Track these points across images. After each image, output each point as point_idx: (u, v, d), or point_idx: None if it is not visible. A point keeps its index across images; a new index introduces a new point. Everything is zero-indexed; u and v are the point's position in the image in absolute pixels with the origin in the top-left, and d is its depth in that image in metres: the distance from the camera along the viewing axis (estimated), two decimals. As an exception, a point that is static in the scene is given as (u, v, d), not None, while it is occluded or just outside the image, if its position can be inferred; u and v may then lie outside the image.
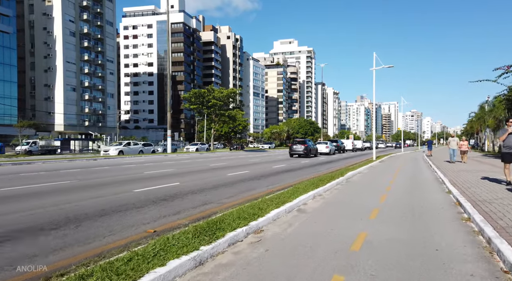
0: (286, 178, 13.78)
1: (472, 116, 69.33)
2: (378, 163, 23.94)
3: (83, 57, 74.89)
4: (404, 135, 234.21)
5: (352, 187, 10.71)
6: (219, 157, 31.36)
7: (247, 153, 41.87)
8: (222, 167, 19.48)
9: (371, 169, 18.31)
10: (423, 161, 26.88)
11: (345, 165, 22.36)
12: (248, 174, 15.27)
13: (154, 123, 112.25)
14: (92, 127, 77.42)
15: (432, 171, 16.92)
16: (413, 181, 12.42)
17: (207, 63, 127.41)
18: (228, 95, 40.45)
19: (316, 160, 27.37)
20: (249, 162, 24.66)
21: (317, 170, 18.11)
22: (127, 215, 6.53)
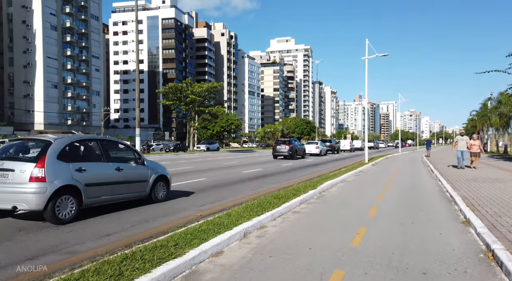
0: (243, 190, 10.35)
1: (474, 115, 66.01)
2: (371, 166, 20.53)
3: (66, 53, 71.27)
4: (403, 135, 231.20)
5: (319, 210, 7.28)
6: (189, 160, 27.92)
7: (229, 154, 38.49)
8: (174, 173, 16.02)
9: (359, 176, 14.91)
10: (422, 164, 23.46)
11: (330, 169, 18.98)
12: (200, 183, 11.84)
13: (145, 122, 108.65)
14: (76, 126, 73.79)
15: (434, 178, 13.49)
16: (409, 197, 8.98)
17: (200, 61, 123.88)
18: (209, 90, 36.89)
19: (300, 163, 23.96)
20: (221, 165, 21.25)
21: (293, 177, 14.70)
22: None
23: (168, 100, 37.05)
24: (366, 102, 22.20)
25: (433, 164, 20.12)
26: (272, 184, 11.95)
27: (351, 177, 14.02)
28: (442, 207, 7.51)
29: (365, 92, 22.99)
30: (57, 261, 4.14)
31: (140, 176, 7.70)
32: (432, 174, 15.23)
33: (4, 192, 5.72)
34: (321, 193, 9.45)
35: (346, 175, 13.91)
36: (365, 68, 22.92)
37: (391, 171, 16.81)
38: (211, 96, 38.22)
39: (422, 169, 18.76)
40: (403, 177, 14.01)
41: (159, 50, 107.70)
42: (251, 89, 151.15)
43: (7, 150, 6.62)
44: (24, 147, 6.74)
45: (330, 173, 15.53)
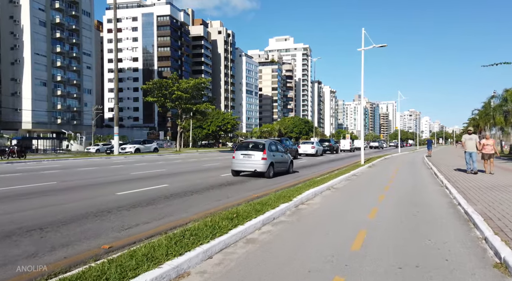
0: (199, 204, 8.23)
1: (476, 113, 63.92)
2: (366, 169, 18.43)
3: (55, 49, 69.06)
4: (402, 135, 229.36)
5: (284, 239, 5.16)
6: (166, 160, 25.79)
7: (215, 155, 36.37)
8: (120, 180, 13.89)
9: (351, 181, 12.82)
10: (424, 166, 21.36)
11: (321, 171, 16.89)
12: (150, 193, 9.73)
13: (140, 121, 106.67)
14: (66, 125, 71.67)
15: (440, 185, 11.39)
16: (411, 215, 6.85)
17: (196, 59, 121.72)
18: (196, 86, 34.65)
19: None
20: (199, 167, 19.16)
21: (275, 182, 12.62)
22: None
23: (153, 97, 34.91)
24: (363, 98, 20.07)
25: (436, 167, 18.02)
26: (245, 192, 9.85)
27: (341, 183, 11.92)
28: (457, 234, 5.36)
29: (361, 87, 20.90)
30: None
31: (286, 160, 15.86)
32: (437, 179, 13.12)
33: (250, 164, 13.63)
34: (297, 207, 7.35)
35: (336, 180, 11.82)
36: (361, 60, 20.82)
37: (389, 175, 14.70)
38: (199, 93, 35.97)
39: (424, 172, 16.66)
40: (402, 183, 11.90)
41: (154, 47, 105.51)
42: (248, 88, 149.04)
43: (248, 145, 14.70)
44: (256, 144, 14.59)
45: (318, 177, 13.45)
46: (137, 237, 5.02)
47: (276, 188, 10.71)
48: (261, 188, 10.91)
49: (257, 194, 9.41)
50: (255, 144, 14.67)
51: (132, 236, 5.08)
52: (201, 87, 35.28)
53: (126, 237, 5.06)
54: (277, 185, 11.68)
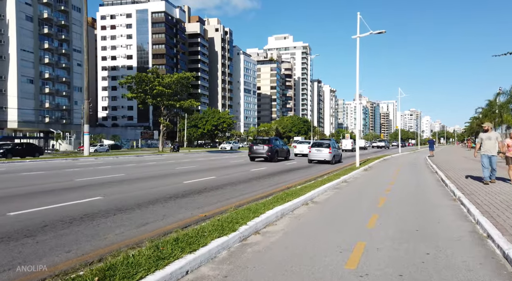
0: (88, 240, 5.79)
1: (480, 112, 61.38)
2: (361, 172, 15.99)
3: (43, 45, 66.59)
4: (403, 135, 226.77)
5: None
6: (138, 163, 23.37)
7: (202, 156, 33.96)
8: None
9: (339, 190, 10.38)
10: (428, 169, 18.89)
11: (309, 176, 14.49)
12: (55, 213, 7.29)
13: (134, 121, 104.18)
14: (55, 124, 69.25)
15: (452, 198, 8.88)
16: (417, 260, 4.31)
17: (193, 57, 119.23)
18: (180, 81, 32.06)
19: (278, 166, 19.45)
20: (169, 171, 16.74)
21: (244, 191, 10.17)
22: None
23: (133, 92, 32.37)
24: (358, 92, 17.52)
25: (442, 171, 15.55)
26: (192, 209, 7.37)
27: (325, 193, 9.45)
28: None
29: (357, 80, 18.43)
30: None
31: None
32: (446, 188, 10.64)
33: (321, 154, 22.55)
34: (243, 242, 4.87)
35: (320, 189, 9.39)
36: (357, 49, 18.35)
37: (386, 182, 12.22)
38: (183, 89, 33.40)
39: (428, 178, 14.20)
40: (402, 195, 9.41)
41: (149, 45, 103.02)
42: (246, 87, 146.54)
43: (321, 144, 23.63)
44: (323, 142, 23.76)
45: (301, 184, 11.03)
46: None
47: (240, 202, 8.27)
48: (222, 200, 8.46)
49: (213, 210, 6.96)
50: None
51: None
52: (185, 83, 32.72)
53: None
54: (248, 194, 9.23)
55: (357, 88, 18.43)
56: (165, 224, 5.95)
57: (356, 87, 18.07)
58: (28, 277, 3.54)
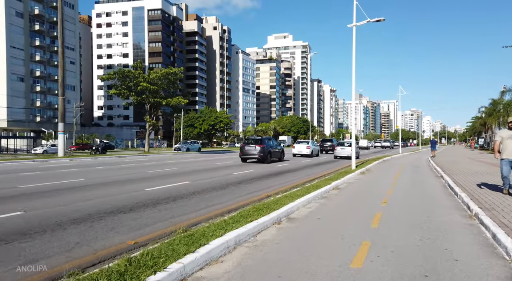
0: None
1: (483, 111, 59.49)
2: (356, 176, 14.18)
3: (34, 43, 64.86)
4: (404, 134, 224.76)
5: None
6: (115, 165, 21.61)
7: (190, 156, 32.17)
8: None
9: (326, 200, 8.59)
10: (431, 172, 17.07)
11: (297, 181, 12.67)
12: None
13: (130, 120, 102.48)
14: (46, 123, 67.49)
15: (468, 216, 7.02)
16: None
17: (190, 55, 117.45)
18: (166, 77, 30.11)
19: (267, 169, 17.70)
20: (140, 175, 14.99)
21: (213, 202, 8.38)
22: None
23: (116, 89, 30.48)
24: (354, 84, 15.60)
25: (449, 175, 13.71)
26: (124, 233, 5.57)
27: (308, 206, 7.64)
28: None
29: (353, 72, 16.61)
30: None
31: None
32: (456, 198, 8.82)
33: (345, 152, 28.67)
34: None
35: (303, 200, 7.60)
36: (353, 39, 16.54)
37: (383, 191, 10.39)
38: (170, 85, 31.47)
39: (434, 184, 12.36)
40: (402, 211, 7.56)
41: (145, 43, 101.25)
42: (245, 86, 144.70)
43: (343, 143, 30.63)
44: (345, 142, 31.43)
45: (286, 191, 9.29)
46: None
47: (199, 218, 6.48)
48: (179, 215, 6.66)
49: (158, 231, 5.16)
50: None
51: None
52: (172, 79, 30.81)
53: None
54: (218, 205, 7.42)
55: (353, 80, 16.61)
56: (60, 261, 4.14)
57: (352, 79, 16.26)
58: None
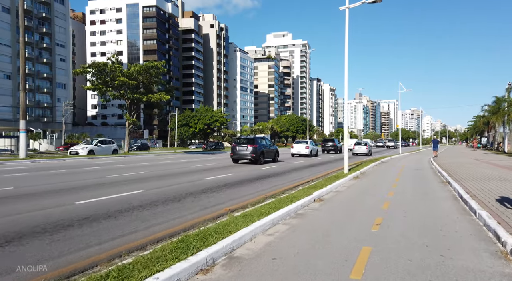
0: None
1: (486, 109, 57.27)
2: (348, 182, 12.03)
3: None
4: (404, 134, 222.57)
5: None
6: (75, 168, 19.52)
7: (174, 157, 30.06)
8: None
9: (302, 220, 6.48)
10: (436, 179, 14.92)
11: (279, 187, 10.54)
12: None
13: (124, 119, 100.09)
14: (35, 122, 65.42)
15: (503, 257, 4.76)
16: None
17: (186, 54, 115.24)
18: (147, 71, 27.85)
19: (249, 173, 15.56)
20: (95, 181, 12.87)
21: (159, 220, 6.20)
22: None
23: (92, 84, 28.25)
24: (346, 73, 13.31)
25: (457, 181, 11.54)
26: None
27: (270, 232, 5.48)
28: None
29: (345, 60, 14.46)
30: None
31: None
32: (474, 218, 6.67)
33: (361, 150, 36.25)
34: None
35: (267, 221, 5.52)
36: (346, 22, 14.38)
37: (377, 205, 8.22)
38: (152, 80, 29.16)
39: (440, 193, 10.21)
40: (404, 240, 5.41)
41: (139, 40, 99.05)
42: (243, 85, 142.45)
43: (361, 143, 37.93)
44: (361, 142, 39.01)
45: (256, 203, 7.18)
46: None
47: (114, 250, 4.32)
48: (84, 246, 4.52)
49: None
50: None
51: None
52: (154, 73, 28.54)
53: None
54: (152, 228, 5.29)
55: (346, 68, 14.46)
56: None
57: (345, 67, 14.13)
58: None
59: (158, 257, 3.81)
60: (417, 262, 4.10)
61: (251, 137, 22.34)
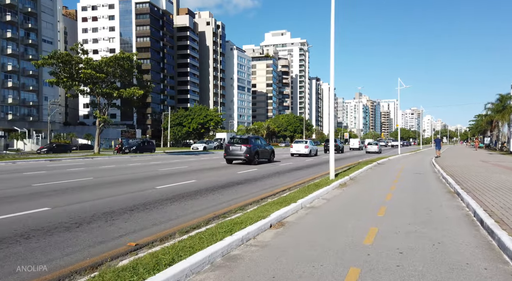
0: None
1: (489, 107, 54.66)
2: (331, 192, 9.49)
3: (5, 34, 60.13)
4: (404, 134, 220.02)
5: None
6: (21, 171, 17.03)
7: (149, 159, 27.59)
8: None
9: (238, 264, 3.82)
10: (442, 189, 12.39)
11: (243, 200, 8.01)
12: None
13: (117, 119, 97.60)
14: (20, 121, 62.89)
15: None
16: None
17: (181, 51, 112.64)
18: (118, 63, 25.16)
19: (220, 178, 13.06)
20: (29, 190, 10.29)
21: (62, 252, 3.62)
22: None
23: (56, 77, 25.58)
24: (332, 61, 10.63)
25: (468, 191, 8.99)
26: None
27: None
28: None
29: (331, 47, 11.93)
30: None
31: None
32: (504, 257, 4.21)
33: (373, 148, 41.43)
34: None
35: (186, 267, 2.94)
36: (331, 4, 11.86)
37: (361, 234, 5.71)
38: (125, 73, 26.43)
39: (451, 214, 7.68)
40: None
41: (132, 38, 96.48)
42: (240, 84, 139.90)
43: (371, 143, 43.76)
44: (372, 141, 47.16)
45: (200, 225, 4.74)
46: None
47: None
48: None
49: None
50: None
51: None
52: (127, 65, 25.83)
53: None
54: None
55: (332, 47, 11.92)
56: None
57: (330, 48, 11.63)
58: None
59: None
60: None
61: (245, 136, 21.68)
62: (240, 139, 21.07)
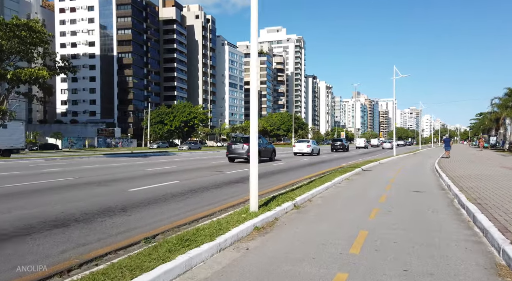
0: None
1: (495, 103, 48.90)
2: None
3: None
4: (402, 133, 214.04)
5: None
6: None
7: (95, 161, 21.91)
8: None
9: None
10: (464, 238, 6.42)
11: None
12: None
13: (97, 116, 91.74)
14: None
15: None
16: None
17: (167, 46, 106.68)
18: (14, 33, 18.93)
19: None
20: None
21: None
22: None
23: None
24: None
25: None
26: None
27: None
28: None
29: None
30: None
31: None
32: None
33: (387, 146, 55.48)
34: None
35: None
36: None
37: None
38: (23, 48, 20.62)
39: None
40: None
41: (113, 30, 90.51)
42: (232, 81, 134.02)
43: (385, 141, 66.84)
44: (386, 141, 68.58)
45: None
46: None
47: None
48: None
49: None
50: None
51: None
52: (28, 37, 19.77)
53: None
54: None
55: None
56: None
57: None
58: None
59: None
60: None
61: (247, 136, 21.91)
62: (242, 138, 21.81)
